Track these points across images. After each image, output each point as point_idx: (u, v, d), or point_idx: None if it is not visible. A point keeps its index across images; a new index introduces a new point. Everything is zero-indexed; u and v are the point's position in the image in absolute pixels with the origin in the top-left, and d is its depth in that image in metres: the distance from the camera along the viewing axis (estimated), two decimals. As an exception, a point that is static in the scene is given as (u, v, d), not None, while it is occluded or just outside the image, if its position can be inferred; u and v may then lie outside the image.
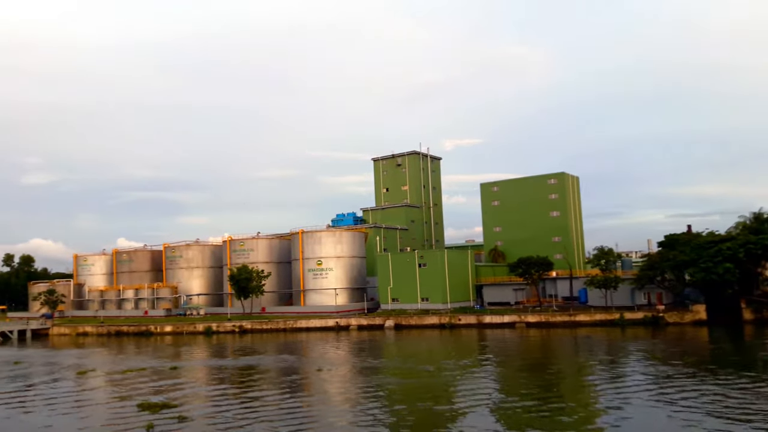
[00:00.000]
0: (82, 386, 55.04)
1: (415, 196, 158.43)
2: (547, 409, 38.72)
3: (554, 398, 42.46)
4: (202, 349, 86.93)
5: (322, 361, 67.31)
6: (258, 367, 63.87)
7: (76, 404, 45.72)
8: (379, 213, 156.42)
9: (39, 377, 62.69)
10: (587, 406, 40.62)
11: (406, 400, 43.59)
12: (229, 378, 57.34)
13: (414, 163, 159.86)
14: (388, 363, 64.90)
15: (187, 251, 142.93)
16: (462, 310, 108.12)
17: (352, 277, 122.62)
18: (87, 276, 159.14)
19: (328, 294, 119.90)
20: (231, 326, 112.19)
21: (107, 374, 61.88)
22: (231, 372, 61.21)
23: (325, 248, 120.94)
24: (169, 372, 61.89)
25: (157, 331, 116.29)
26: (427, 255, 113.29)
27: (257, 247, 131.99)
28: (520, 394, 44.26)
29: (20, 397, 50.69)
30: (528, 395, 43.36)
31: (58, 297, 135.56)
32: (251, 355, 75.35)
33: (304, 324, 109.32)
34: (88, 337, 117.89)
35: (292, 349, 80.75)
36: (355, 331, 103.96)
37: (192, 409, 41.82)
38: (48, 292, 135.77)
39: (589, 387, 47.42)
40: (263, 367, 63.81)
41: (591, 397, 43.23)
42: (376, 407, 40.89)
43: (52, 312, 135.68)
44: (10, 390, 54.37)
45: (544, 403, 40.39)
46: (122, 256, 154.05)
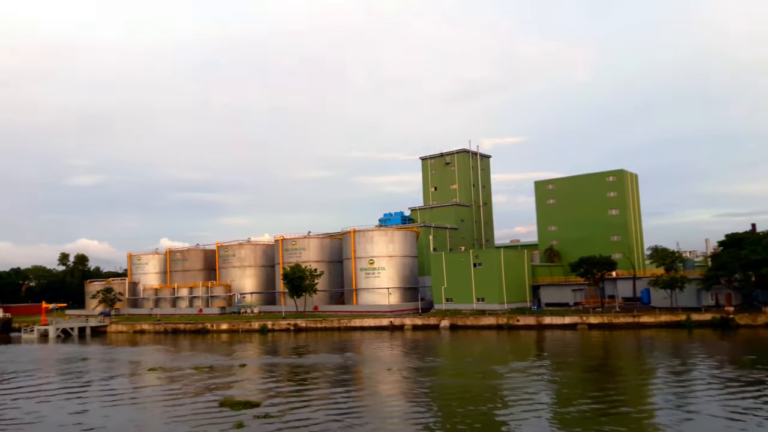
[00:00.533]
0: (157, 382, 55.25)
1: (464, 194, 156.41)
2: (606, 414, 36.79)
3: (617, 403, 40.42)
4: (262, 346, 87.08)
5: (388, 361, 66.38)
6: (325, 365, 63.36)
7: (159, 401, 45.59)
8: (427, 212, 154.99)
9: (112, 373, 63.47)
10: (649, 413, 38.01)
11: (470, 401, 42.17)
12: (300, 376, 56.85)
13: (463, 162, 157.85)
14: (452, 363, 63.54)
15: (239, 250, 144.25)
16: (519, 311, 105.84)
17: (404, 276, 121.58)
18: (141, 275, 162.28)
19: (381, 293, 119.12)
20: (286, 324, 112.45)
21: (177, 371, 62.19)
22: (300, 370, 60.75)
23: (377, 247, 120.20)
24: (239, 369, 61.88)
25: (213, 328, 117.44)
26: (482, 254, 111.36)
27: (309, 246, 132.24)
28: (583, 397, 42.50)
29: (103, 392, 51.15)
30: (590, 399, 41.55)
31: (116, 295, 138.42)
32: (316, 354, 74.88)
33: (358, 323, 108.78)
34: (145, 335, 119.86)
35: (352, 348, 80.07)
36: (409, 331, 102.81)
37: (273, 406, 41.31)
38: (105, 291, 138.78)
39: (655, 390, 45.16)
40: (330, 365, 63.27)
41: (656, 402, 40.88)
42: (443, 408, 39.64)
43: (110, 310, 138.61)
44: (92, 385, 55.04)
45: (606, 408, 38.50)
46: (176, 255, 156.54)
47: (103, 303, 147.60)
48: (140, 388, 52.42)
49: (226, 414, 39.20)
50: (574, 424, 35.09)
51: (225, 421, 37.07)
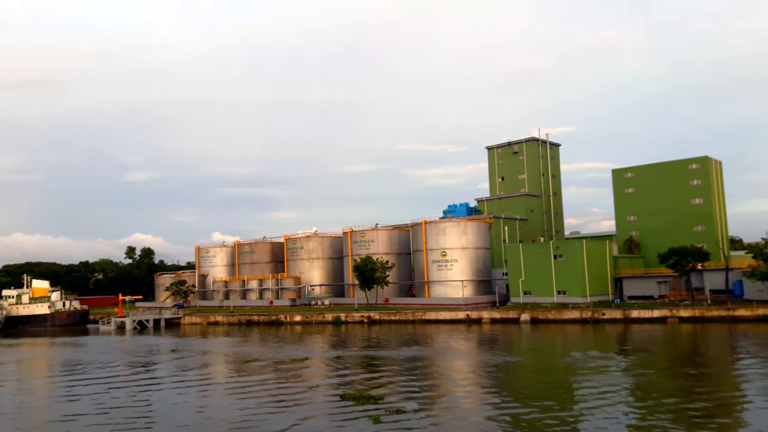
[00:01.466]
0: (263, 375, 54.21)
1: (533, 184, 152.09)
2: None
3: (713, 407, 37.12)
4: (345, 338, 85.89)
5: (486, 355, 64.11)
6: (421, 358, 61.58)
7: (274, 395, 44.01)
8: (495, 203, 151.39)
9: (215, 365, 63.23)
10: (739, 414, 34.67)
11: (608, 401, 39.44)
12: (404, 368, 55.15)
13: (532, 150, 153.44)
14: (545, 359, 60.62)
15: (307, 243, 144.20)
16: (601, 305, 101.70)
17: (477, 268, 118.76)
18: (208, 267, 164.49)
19: (453, 286, 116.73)
20: (359, 317, 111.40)
21: (275, 363, 61.39)
22: (399, 362, 59.01)
23: (449, 239, 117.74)
24: (336, 361, 60.70)
25: (287, 320, 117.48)
26: (563, 246, 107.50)
27: (377, 239, 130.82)
28: (676, 394, 39.80)
29: (221, 384, 50.52)
30: (683, 398, 38.72)
31: (188, 287, 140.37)
32: (408, 346, 73.07)
33: (433, 316, 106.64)
34: (219, 327, 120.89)
35: (437, 342, 78.12)
36: (487, 325, 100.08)
37: (397, 401, 39.60)
38: (179, 283, 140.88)
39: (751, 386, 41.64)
40: (425, 358, 61.47)
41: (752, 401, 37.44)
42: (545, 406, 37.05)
43: (184, 302, 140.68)
44: (197, 378, 54.66)
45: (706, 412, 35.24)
46: (244, 248, 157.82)
47: (174, 295, 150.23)
48: (250, 382, 51.49)
49: (353, 408, 37.72)
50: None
51: (358, 416, 35.54)
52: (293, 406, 39.84)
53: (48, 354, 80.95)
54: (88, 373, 60.08)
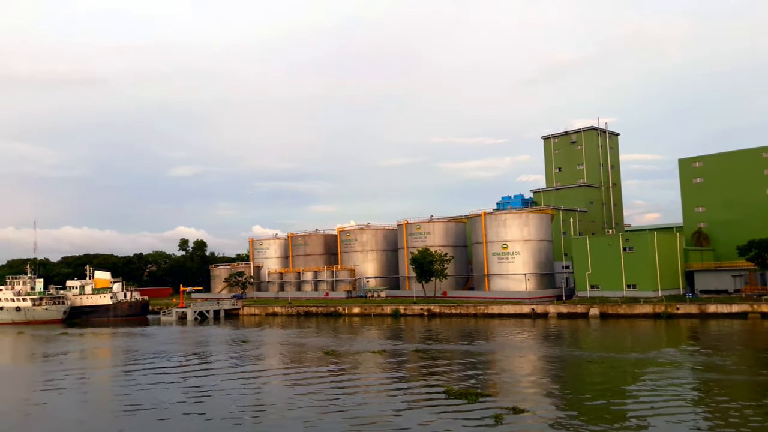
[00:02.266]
0: (353, 367, 53.03)
1: (592, 175, 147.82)
2: None
3: None
4: (411, 331, 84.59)
5: (573, 351, 61.94)
6: (502, 352, 59.86)
7: (381, 391, 42.71)
8: (552, 194, 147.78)
9: (294, 356, 62.67)
10: None
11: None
12: (494, 364, 53.54)
13: (590, 140, 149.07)
14: (640, 355, 57.96)
15: (361, 235, 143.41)
16: (673, 299, 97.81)
17: (540, 261, 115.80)
18: (262, 259, 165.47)
19: (515, 279, 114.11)
20: (418, 309, 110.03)
21: (355, 355, 60.48)
22: (482, 356, 57.37)
23: (510, 231, 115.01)
24: (417, 354, 59.44)
25: (345, 312, 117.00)
26: (633, 238, 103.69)
27: (434, 231, 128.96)
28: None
29: (315, 377, 49.67)
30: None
31: (247, 279, 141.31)
32: (485, 341, 71.43)
33: (496, 310, 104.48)
34: (278, 318, 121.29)
35: (508, 336, 76.19)
36: (554, 319, 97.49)
37: (507, 399, 37.99)
38: (237, 274, 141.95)
39: None
40: (506, 352, 59.73)
41: None
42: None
43: (242, 293, 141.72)
44: (292, 372, 53.95)
45: None
46: (297, 240, 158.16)
47: (230, 286, 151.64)
48: (341, 375, 50.49)
49: (465, 405, 36.26)
50: None
51: (475, 414, 34.06)
52: (406, 403, 38.32)
53: (126, 344, 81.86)
54: (176, 362, 60.27)
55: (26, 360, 70.10)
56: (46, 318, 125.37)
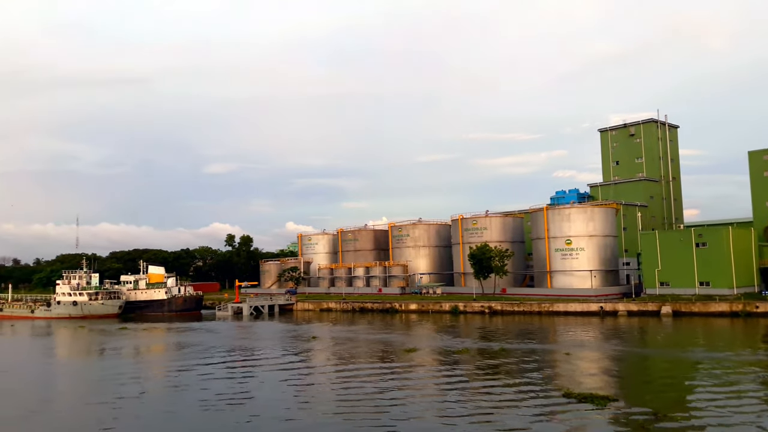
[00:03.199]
0: (452, 369, 50.75)
1: (651, 169, 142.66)
2: None
3: None
4: (483, 329, 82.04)
5: (672, 351, 58.70)
6: (591, 350, 57.00)
7: (495, 395, 40.20)
8: (611, 188, 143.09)
9: (376, 353, 60.81)
10: None
11: None
12: (592, 363, 50.74)
13: (650, 133, 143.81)
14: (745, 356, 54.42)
15: (413, 230, 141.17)
16: (749, 297, 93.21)
17: (605, 257, 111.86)
18: (311, 254, 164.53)
19: (579, 276, 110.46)
20: (479, 307, 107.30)
21: (440, 354, 58.31)
22: (575, 354, 54.63)
23: (574, 226, 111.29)
24: (505, 354, 56.96)
25: (401, 308, 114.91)
26: (706, 233, 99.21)
27: (490, 226, 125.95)
28: None
29: (417, 379, 47.71)
30: None
31: (300, 274, 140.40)
32: (565, 339, 68.59)
33: (562, 308, 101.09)
34: (332, 313, 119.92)
35: (583, 333, 73.12)
36: (624, 317, 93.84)
37: (634, 400, 35.31)
38: (291, 270, 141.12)
39: None
40: (596, 350, 56.86)
41: None
42: None
43: (295, 288, 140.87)
44: (399, 373, 51.78)
45: None
46: (347, 235, 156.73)
47: (279, 281, 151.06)
48: (457, 380, 48.31)
49: (596, 410, 33.68)
50: None
51: (616, 419, 31.48)
52: (537, 408, 35.79)
53: (197, 339, 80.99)
54: (259, 357, 59.07)
55: (112, 355, 69.68)
56: (102, 313, 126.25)
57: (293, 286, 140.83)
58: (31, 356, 71.14)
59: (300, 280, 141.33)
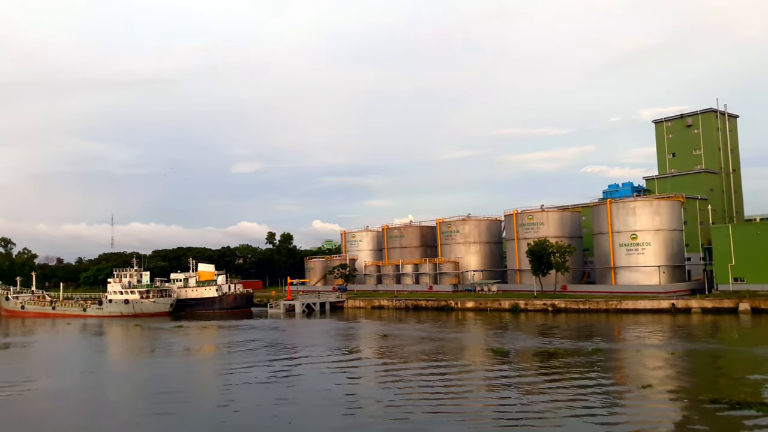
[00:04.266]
0: (562, 373, 47.71)
1: (710, 160, 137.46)
2: None
3: None
4: (555, 327, 78.79)
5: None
6: (693, 349, 53.63)
7: (647, 404, 37.29)
8: (668, 181, 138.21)
9: (469, 358, 58.22)
10: None
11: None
12: (713, 363, 47.41)
13: (708, 123, 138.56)
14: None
15: (463, 226, 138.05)
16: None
17: (672, 252, 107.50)
18: (355, 251, 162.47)
19: (644, 272, 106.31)
20: (541, 305, 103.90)
21: (535, 356, 55.39)
22: (692, 355, 51.30)
23: (640, 220, 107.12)
24: (604, 354, 53.90)
25: (457, 306, 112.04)
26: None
27: (547, 221, 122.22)
28: None
29: (530, 384, 45.16)
30: None
31: (350, 271, 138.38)
32: (651, 337, 65.13)
33: (631, 305, 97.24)
34: (384, 311, 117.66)
35: (674, 333, 69.52)
36: (697, 315, 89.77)
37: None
38: (341, 267, 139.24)
39: None
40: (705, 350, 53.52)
41: None
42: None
43: (346, 285, 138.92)
44: (503, 375, 49.40)
45: None
46: (393, 232, 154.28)
47: (324, 279, 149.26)
48: (569, 384, 45.62)
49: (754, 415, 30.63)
50: None
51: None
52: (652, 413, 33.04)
53: (265, 336, 79.11)
54: (347, 355, 56.94)
55: (194, 353, 68.16)
56: (153, 311, 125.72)
57: (343, 283, 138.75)
58: (120, 356, 70.10)
59: (350, 277, 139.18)
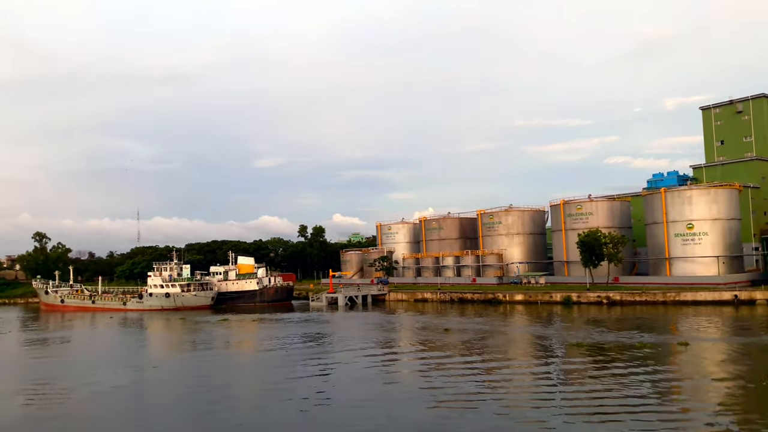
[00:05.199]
0: (663, 366, 45.57)
1: (762, 147, 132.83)
2: None
3: None
4: (610, 321, 75.98)
5: None
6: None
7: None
8: (717, 169, 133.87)
9: (548, 352, 55.90)
10: None
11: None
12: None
13: (759, 109, 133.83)
14: None
15: (506, 217, 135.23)
16: None
17: (729, 242, 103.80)
18: (391, 244, 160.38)
19: (701, 263, 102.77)
20: (594, 297, 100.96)
21: (622, 349, 52.81)
22: None
23: (696, 209, 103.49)
24: (681, 348, 51.12)
25: (505, 299, 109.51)
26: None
27: (596, 211, 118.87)
28: None
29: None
30: None
31: (391, 263, 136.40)
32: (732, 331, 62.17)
33: (690, 297, 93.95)
34: (428, 304, 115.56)
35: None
36: (762, 307, 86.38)
37: None
38: (382, 259, 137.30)
39: None
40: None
41: None
42: None
43: (386, 277, 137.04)
44: (606, 372, 47.10)
45: None
46: (431, 224, 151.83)
47: (361, 271, 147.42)
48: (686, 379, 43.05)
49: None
50: None
51: None
52: None
53: (319, 330, 77.51)
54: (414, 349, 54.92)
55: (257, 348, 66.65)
56: (194, 304, 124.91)
57: (384, 276, 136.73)
58: (182, 351, 68.80)
59: (392, 269, 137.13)
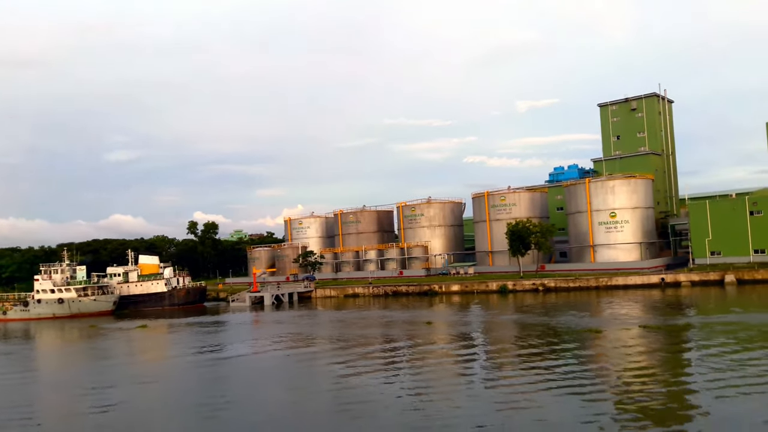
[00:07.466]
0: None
1: (653, 143, 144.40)
2: None
3: None
4: (572, 306, 77.40)
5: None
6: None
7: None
8: (616, 163, 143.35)
9: (541, 340, 54.02)
10: None
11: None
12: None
13: (651, 107, 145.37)
14: None
15: (428, 209, 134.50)
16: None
17: (647, 229, 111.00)
18: (302, 239, 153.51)
19: (623, 249, 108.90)
20: (530, 285, 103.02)
21: (639, 335, 52.58)
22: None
23: (618, 198, 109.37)
24: (689, 327, 52.25)
25: (442, 290, 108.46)
26: (761, 201, 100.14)
27: (519, 201, 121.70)
28: None
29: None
30: None
31: (317, 260, 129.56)
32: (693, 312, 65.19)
33: (621, 281, 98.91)
34: (359, 299, 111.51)
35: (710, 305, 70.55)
36: (687, 288, 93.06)
37: None
38: (306, 255, 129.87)
39: None
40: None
41: None
42: None
43: (312, 274, 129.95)
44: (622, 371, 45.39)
45: None
46: (348, 217, 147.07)
47: (305, 268, 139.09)
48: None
49: None
50: None
51: None
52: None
53: (285, 330, 70.19)
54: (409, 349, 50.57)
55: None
56: (94, 310, 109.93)
57: (309, 272, 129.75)
58: (150, 361, 58.13)
59: (319, 265, 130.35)
